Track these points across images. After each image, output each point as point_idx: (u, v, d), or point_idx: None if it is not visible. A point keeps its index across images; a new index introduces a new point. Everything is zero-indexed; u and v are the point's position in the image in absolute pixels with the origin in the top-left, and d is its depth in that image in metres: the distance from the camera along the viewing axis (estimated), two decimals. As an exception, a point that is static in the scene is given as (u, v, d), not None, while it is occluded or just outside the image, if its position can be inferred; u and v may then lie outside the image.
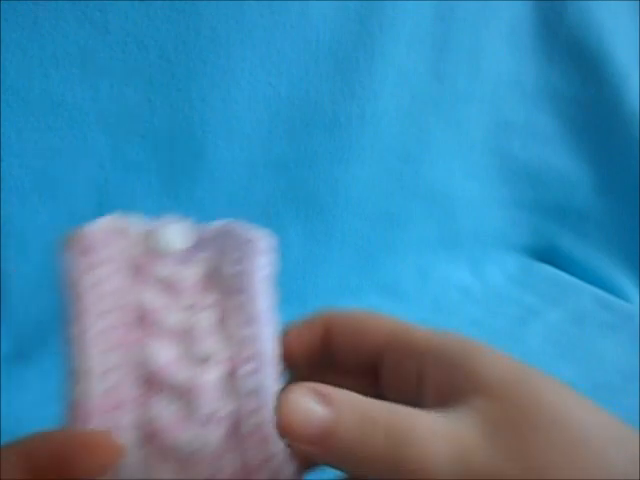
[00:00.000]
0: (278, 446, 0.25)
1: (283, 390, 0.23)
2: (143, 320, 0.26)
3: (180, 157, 0.60)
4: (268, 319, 0.28)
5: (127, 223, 0.28)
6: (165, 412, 0.25)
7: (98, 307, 0.26)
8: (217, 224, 0.29)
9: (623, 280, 0.83)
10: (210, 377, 0.26)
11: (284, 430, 0.22)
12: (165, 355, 0.26)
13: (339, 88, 0.66)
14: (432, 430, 0.21)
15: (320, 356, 0.30)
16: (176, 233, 0.29)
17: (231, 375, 0.26)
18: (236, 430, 0.26)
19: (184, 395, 0.25)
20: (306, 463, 0.27)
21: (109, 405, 0.24)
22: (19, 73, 0.51)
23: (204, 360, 0.26)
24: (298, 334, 0.30)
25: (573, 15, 0.79)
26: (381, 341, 0.28)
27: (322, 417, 0.22)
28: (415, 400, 0.25)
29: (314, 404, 0.22)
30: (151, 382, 0.25)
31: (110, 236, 0.28)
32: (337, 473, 0.26)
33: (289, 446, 0.24)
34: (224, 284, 0.28)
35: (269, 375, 0.27)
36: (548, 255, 0.87)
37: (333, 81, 0.65)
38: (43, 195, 0.55)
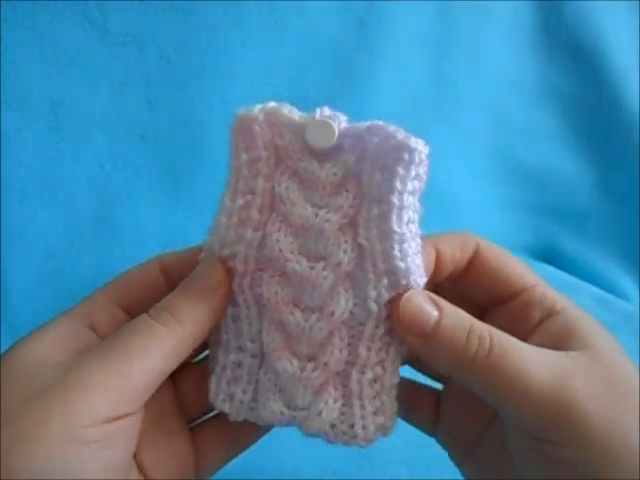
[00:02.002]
0: (394, 353, 0.29)
1: (405, 293, 0.27)
2: (275, 207, 0.28)
3: (180, 157, 0.60)
4: (410, 234, 0.28)
5: (281, 112, 0.28)
6: (278, 293, 0.28)
7: (245, 185, 0.28)
8: (369, 124, 0.27)
9: (623, 280, 0.83)
10: (321, 274, 0.28)
11: (403, 322, 0.27)
12: (283, 245, 0.28)
13: (339, 88, 0.66)
14: (534, 356, 0.26)
15: (460, 277, 0.32)
16: (323, 130, 0.27)
17: (357, 283, 0.28)
18: (351, 328, 0.29)
19: (295, 284, 0.28)
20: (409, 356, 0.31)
21: (227, 267, 0.28)
22: (19, 73, 0.51)
23: (321, 258, 0.28)
24: (452, 251, 0.31)
25: (573, 15, 0.79)
26: (519, 287, 0.31)
27: (433, 316, 0.27)
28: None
29: (429, 306, 0.27)
30: (269, 264, 0.28)
31: (266, 123, 0.28)
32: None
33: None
34: (365, 190, 0.28)
35: (402, 288, 0.27)
36: (548, 255, 0.87)
37: (333, 81, 0.65)
38: (43, 195, 0.55)
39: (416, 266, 0.28)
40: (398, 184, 0.27)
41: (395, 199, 0.27)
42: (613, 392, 0.25)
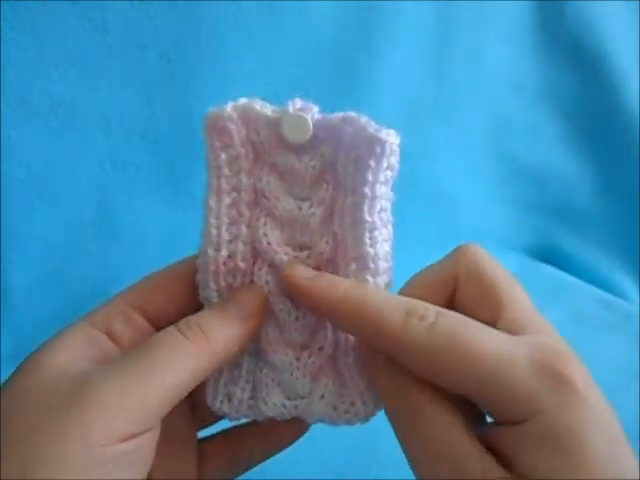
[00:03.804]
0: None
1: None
2: (259, 202, 0.29)
3: (180, 157, 0.60)
4: (381, 222, 0.29)
5: (254, 108, 0.29)
6: (269, 283, 0.29)
7: (228, 184, 0.29)
8: (342, 115, 0.28)
9: (623, 280, 0.83)
10: (305, 263, 0.29)
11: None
12: (271, 237, 0.29)
13: (339, 88, 0.66)
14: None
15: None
16: (298, 124, 0.28)
17: (332, 269, 0.29)
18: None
19: (283, 275, 0.29)
20: None
21: (227, 270, 0.29)
22: (19, 73, 0.51)
23: (306, 248, 0.29)
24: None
25: (573, 15, 0.79)
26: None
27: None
28: None
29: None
30: (258, 257, 0.29)
31: (240, 120, 0.29)
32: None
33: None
34: (340, 180, 0.28)
35: (373, 275, 0.28)
36: (548, 255, 0.87)
37: (333, 81, 0.65)
38: (43, 195, 0.55)
39: (384, 252, 0.29)
40: (370, 176, 0.28)
41: (367, 190, 0.28)
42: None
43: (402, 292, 0.30)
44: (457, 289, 0.29)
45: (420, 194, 0.78)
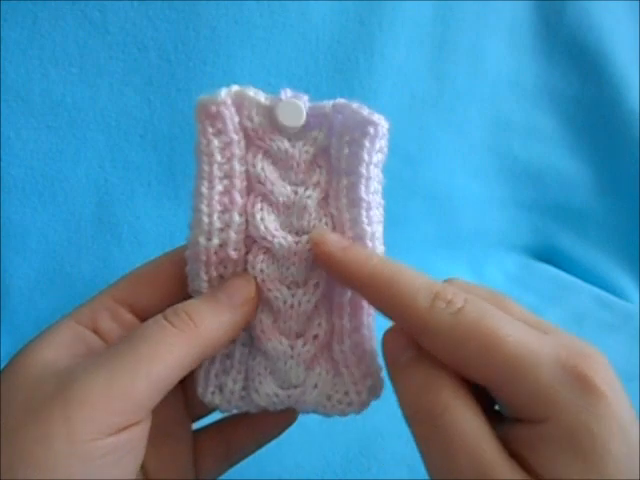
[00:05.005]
0: (366, 318, 0.29)
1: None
2: (253, 189, 0.29)
3: (180, 157, 0.60)
4: (375, 203, 0.29)
5: (248, 95, 0.29)
6: (263, 271, 0.29)
7: (220, 170, 0.29)
8: (333, 102, 0.29)
9: (623, 280, 0.83)
10: (306, 247, 0.29)
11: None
12: (268, 223, 0.29)
13: (339, 88, 0.66)
14: None
15: None
16: (293, 110, 0.29)
17: None
18: (329, 300, 0.29)
19: (281, 260, 0.29)
20: None
21: (219, 259, 0.28)
22: (19, 73, 0.51)
23: (303, 233, 0.29)
24: None
25: (573, 15, 0.79)
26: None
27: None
28: None
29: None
30: (254, 243, 0.29)
31: (233, 106, 0.29)
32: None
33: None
34: (333, 164, 0.29)
35: None
36: (548, 255, 0.87)
37: (333, 81, 0.65)
38: (43, 195, 0.55)
39: (380, 233, 0.29)
40: (365, 156, 0.28)
41: (363, 169, 0.28)
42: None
43: None
44: None
45: (420, 194, 0.78)
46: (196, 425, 0.33)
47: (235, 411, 0.31)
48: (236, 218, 0.28)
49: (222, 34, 0.58)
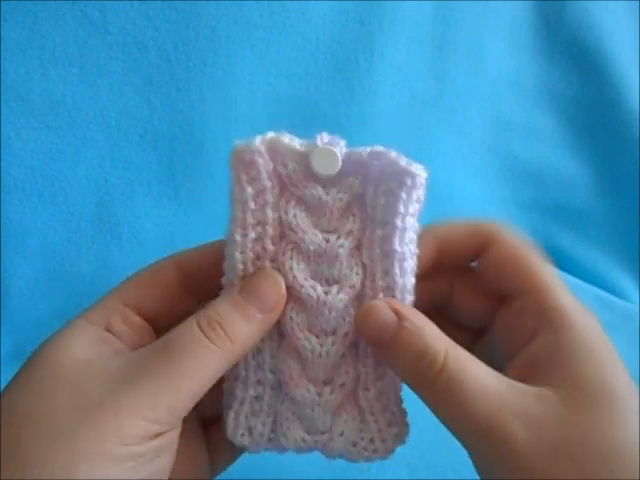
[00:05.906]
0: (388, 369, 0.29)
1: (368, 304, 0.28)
2: (284, 236, 0.29)
3: (180, 157, 0.60)
4: (409, 253, 0.29)
5: (283, 141, 0.29)
6: (293, 319, 0.29)
7: (254, 218, 0.29)
8: (370, 150, 0.29)
9: (623, 280, 0.83)
10: (337, 298, 0.29)
11: (363, 330, 0.28)
12: (297, 272, 0.29)
13: (339, 88, 0.66)
14: (483, 384, 0.25)
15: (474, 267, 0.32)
16: (328, 157, 0.28)
17: (359, 300, 0.29)
18: (355, 347, 0.29)
19: (309, 309, 0.29)
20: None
21: None
22: (19, 73, 0.51)
23: (334, 282, 0.29)
24: (459, 242, 0.31)
25: (573, 15, 0.79)
26: (524, 288, 0.30)
27: (391, 327, 0.27)
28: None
29: (389, 317, 0.27)
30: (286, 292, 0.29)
31: (267, 153, 0.29)
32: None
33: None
34: (368, 213, 0.29)
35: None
36: (548, 255, 0.87)
37: (333, 81, 0.65)
38: (43, 195, 0.55)
39: (411, 284, 0.29)
40: (401, 208, 0.28)
41: (398, 221, 0.28)
42: (569, 444, 0.24)
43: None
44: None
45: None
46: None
47: (263, 452, 0.31)
48: (268, 266, 0.29)
49: (222, 34, 0.58)
